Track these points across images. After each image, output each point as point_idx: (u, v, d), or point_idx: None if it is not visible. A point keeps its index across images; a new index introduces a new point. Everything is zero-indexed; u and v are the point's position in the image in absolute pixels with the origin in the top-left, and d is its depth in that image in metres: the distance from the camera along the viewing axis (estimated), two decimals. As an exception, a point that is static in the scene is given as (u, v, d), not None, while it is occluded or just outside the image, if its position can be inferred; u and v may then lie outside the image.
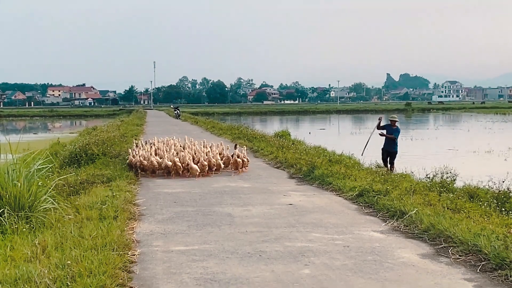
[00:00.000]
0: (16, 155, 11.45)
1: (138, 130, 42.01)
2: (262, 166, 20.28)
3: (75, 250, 8.25)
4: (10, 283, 6.86)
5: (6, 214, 9.86)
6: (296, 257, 8.50)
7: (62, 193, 13.25)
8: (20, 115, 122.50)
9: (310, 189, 14.94)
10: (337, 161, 18.37)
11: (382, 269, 7.91)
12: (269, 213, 11.80)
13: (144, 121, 62.47)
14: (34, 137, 48.15)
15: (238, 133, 35.46)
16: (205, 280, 7.49)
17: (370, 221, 11.02)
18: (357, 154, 22.16)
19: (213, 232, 10.25)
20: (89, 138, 27.24)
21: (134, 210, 12.06)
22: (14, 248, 8.54)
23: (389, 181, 14.03)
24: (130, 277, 7.58)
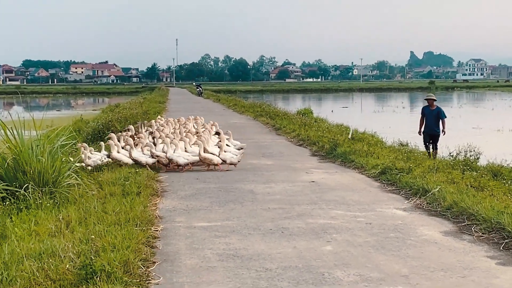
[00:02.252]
0: (40, 132, 11.52)
1: (161, 108, 42.10)
2: (285, 144, 20.28)
3: (98, 225, 8.32)
4: (35, 257, 6.93)
5: (30, 189, 9.93)
6: (318, 234, 8.51)
7: (85, 169, 13.33)
8: (43, 92, 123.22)
9: (333, 166, 14.92)
10: (359, 139, 18.31)
11: (405, 246, 7.89)
12: (291, 190, 11.81)
13: (167, 99, 62.59)
14: (57, 114, 48.46)
15: (260, 110, 35.44)
16: (228, 256, 7.53)
17: (393, 198, 10.99)
18: (379, 132, 22.07)
19: (236, 208, 10.28)
20: (111, 115, 27.33)
21: (157, 187, 12.12)
22: (38, 223, 8.61)
23: (412, 159, 13.96)
24: (153, 252, 7.63)
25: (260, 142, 20.68)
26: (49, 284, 6.23)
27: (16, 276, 6.32)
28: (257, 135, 23.59)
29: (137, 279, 6.52)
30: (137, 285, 6.36)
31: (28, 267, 6.55)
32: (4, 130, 10.77)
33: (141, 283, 6.46)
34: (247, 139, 21.36)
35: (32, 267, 6.53)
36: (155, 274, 6.83)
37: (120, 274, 6.39)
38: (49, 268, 6.52)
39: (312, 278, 6.65)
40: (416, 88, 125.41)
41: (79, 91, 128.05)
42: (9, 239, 7.74)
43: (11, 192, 9.89)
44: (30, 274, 6.39)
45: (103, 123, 22.93)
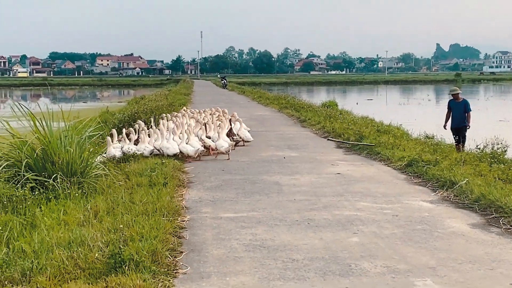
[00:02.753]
0: (68, 123, 11.62)
1: (186, 100, 42.21)
2: (310, 136, 20.27)
3: (126, 215, 8.40)
4: (64, 246, 7.02)
5: (59, 179, 10.04)
6: (344, 226, 8.52)
7: (113, 160, 13.43)
8: (70, 84, 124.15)
9: (358, 158, 14.89)
10: (385, 131, 18.26)
11: (432, 238, 7.87)
12: (317, 182, 11.81)
13: (191, 91, 62.74)
14: (83, 106, 48.75)
15: (285, 103, 35.41)
16: (254, 246, 7.56)
17: (419, 191, 10.95)
18: (405, 125, 21.97)
19: (261, 200, 10.31)
20: (137, 107, 27.44)
21: (183, 178, 12.19)
22: (67, 213, 8.71)
23: (439, 151, 13.89)
24: (180, 242, 7.69)
25: (285, 134, 20.68)
26: (78, 272, 6.31)
27: (46, 265, 6.41)
28: (282, 127, 23.59)
29: (165, 268, 6.58)
30: (165, 274, 6.42)
31: (57, 255, 6.64)
32: (33, 121, 10.88)
33: (169, 272, 6.51)
34: (272, 131, 21.46)
35: (61, 256, 6.61)
36: (183, 263, 6.89)
37: (148, 263, 6.46)
38: (79, 257, 6.60)
39: (339, 269, 6.66)
40: (442, 80, 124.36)
41: (104, 83, 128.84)
42: (39, 228, 7.83)
43: (40, 182, 9.99)
44: (59, 262, 6.47)
45: (129, 114, 23.03)
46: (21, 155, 10.25)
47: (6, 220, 8.08)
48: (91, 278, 6.19)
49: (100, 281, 6.05)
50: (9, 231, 7.68)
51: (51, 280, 6.06)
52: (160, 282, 6.17)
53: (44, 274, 6.19)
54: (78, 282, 6.03)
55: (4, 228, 7.72)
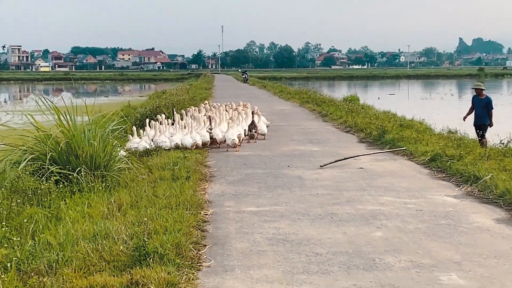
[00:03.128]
0: (91, 117, 11.69)
1: (207, 94, 42.29)
2: (332, 130, 20.23)
3: (150, 208, 8.44)
4: (89, 239, 7.07)
5: (83, 172, 10.10)
6: (368, 220, 8.50)
7: (135, 154, 13.49)
8: (92, 79, 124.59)
9: (381, 153, 14.82)
10: (408, 126, 18.16)
11: (456, 233, 7.83)
12: (340, 177, 11.78)
13: (212, 85, 62.84)
14: (105, 100, 48.96)
15: (306, 97, 35.36)
16: (277, 240, 7.57)
17: (443, 185, 10.90)
18: (428, 119, 21.85)
19: (284, 194, 10.31)
20: (159, 101, 27.53)
21: (205, 172, 12.22)
22: (91, 206, 8.77)
23: (462, 146, 13.79)
24: (203, 236, 7.72)
25: (307, 129, 20.66)
26: (103, 265, 6.35)
27: (71, 257, 6.46)
28: (304, 121, 23.56)
29: (189, 261, 6.60)
30: (189, 267, 6.45)
31: (83, 248, 6.69)
32: (57, 115, 10.95)
33: (193, 265, 6.54)
34: (293, 126, 21.45)
35: (86, 248, 6.67)
36: (206, 257, 6.91)
37: (173, 256, 6.48)
38: (103, 249, 6.65)
39: (363, 264, 6.65)
40: (465, 75, 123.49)
41: (126, 78, 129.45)
42: (64, 221, 7.89)
43: (64, 175, 10.06)
44: (85, 255, 6.53)
45: (151, 108, 23.13)
46: (46, 149, 10.32)
47: (32, 212, 8.14)
48: (116, 270, 6.23)
49: (125, 273, 6.08)
50: (35, 224, 7.75)
51: (76, 272, 6.11)
52: (184, 275, 6.20)
53: (69, 266, 6.24)
54: (103, 274, 6.08)
55: (29, 220, 7.79)
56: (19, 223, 7.75)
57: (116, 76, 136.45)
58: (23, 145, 10.68)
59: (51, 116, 11.19)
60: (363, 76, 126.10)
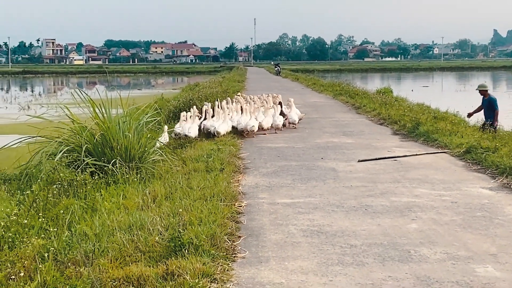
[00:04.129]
0: (126, 109, 11.78)
1: (240, 87, 42.30)
2: (365, 123, 20.13)
3: (184, 200, 8.48)
4: (125, 230, 7.13)
5: (118, 164, 10.19)
6: (402, 212, 8.45)
7: (169, 146, 13.57)
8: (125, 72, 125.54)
9: (415, 145, 14.73)
10: (442, 118, 18.00)
11: (492, 225, 7.76)
12: (374, 169, 11.73)
13: (245, 78, 62.84)
14: (138, 93, 49.30)
15: (339, 89, 35.22)
16: (312, 232, 7.56)
17: (478, 177, 10.79)
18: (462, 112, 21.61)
19: (318, 186, 10.30)
20: (191, 93, 27.63)
21: (239, 164, 12.23)
22: (126, 197, 8.83)
23: (498, 138, 13.65)
24: (238, 227, 7.74)
25: (340, 121, 20.59)
26: (139, 255, 6.39)
27: (107, 247, 6.52)
28: (337, 113, 23.48)
29: (224, 252, 6.62)
30: (224, 258, 6.47)
31: (118, 239, 6.75)
32: (92, 107, 11.05)
33: (228, 256, 6.56)
34: (327, 118, 21.39)
35: (122, 239, 6.72)
36: (241, 248, 6.93)
37: (208, 247, 6.51)
38: (139, 240, 6.69)
39: (398, 255, 6.62)
40: (499, 67, 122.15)
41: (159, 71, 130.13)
42: (99, 212, 7.97)
43: (99, 167, 10.16)
44: (120, 245, 6.58)
45: (184, 101, 23.23)
46: (81, 141, 10.43)
47: (68, 204, 8.23)
48: (152, 261, 6.27)
49: (161, 264, 6.12)
50: (71, 215, 7.84)
51: (112, 263, 6.16)
52: (220, 265, 6.22)
53: (105, 257, 6.29)
54: (139, 264, 6.12)
55: (65, 211, 7.88)
56: (55, 214, 7.85)
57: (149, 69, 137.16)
58: (58, 137, 10.80)
59: (86, 109, 11.30)
60: (396, 68, 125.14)
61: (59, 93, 60.39)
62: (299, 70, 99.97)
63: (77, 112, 11.49)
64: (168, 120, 19.44)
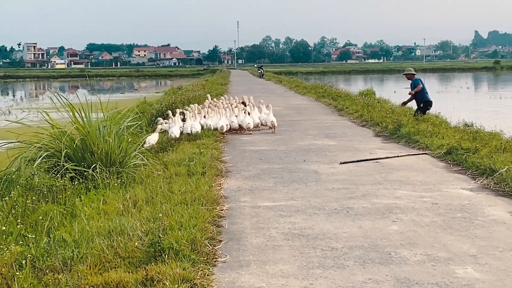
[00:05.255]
0: (106, 113, 11.72)
1: (223, 89, 42.24)
2: (348, 125, 20.16)
3: (165, 204, 8.43)
4: (104, 235, 7.08)
5: (98, 169, 10.13)
6: (383, 214, 8.46)
7: (151, 150, 13.51)
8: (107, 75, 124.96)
9: (397, 147, 14.76)
10: (423, 119, 18.05)
11: (472, 226, 7.78)
12: (356, 171, 11.74)
13: (228, 81, 62.78)
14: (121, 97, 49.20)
15: (322, 92, 35.26)
16: (293, 235, 7.55)
17: (459, 179, 10.83)
18: (444, 113, 21.69)
19: (300, 188, 10.29)
20: (174, 97, 27.62)
21: (221, 167, 12.20)
22: (106, 202, 8.78)
23: (478, 139, 13.70)
24: (219, 231, 7.71)
25: (323, 123, 20.60)
26: (118, 261, 6.35)
27: (86, 253, 6.47)
28: (320, 116, 23.50)
29: (205, 257, 6.59)
30: (205, 262, 6.44)
31: (98, 244, 6.70)
32: (72, 112, 10.98)
33: (209, 260, 6.53)
34: (309, 120, 21.41)
35: (101, 245, 6.67)
36: (222, 252, 6.90)
37: (188, 252, 6.48)
38: (118, 246, 6.65)
39: (378, 257, 6.62)
40: (480, 68, 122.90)
41: (142, 74, 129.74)
42: (79, 218, 7.91)
43: (79, 172, 10.10)
44: (100, 251, 6.53)
45: (167, 105, 23.19)
46: (61, 146, 10.37)
47: (47, 209, 8.18)
48: (131, 266, 6.23)
49: (140, 269, 6.08)
50: (50, 221, 7.78)
51: (91, 269, 6.12)
52: (200, 270, 6.19)
53: (84, 263, 6.25)
54: (118, 270, 6.08)
55: (44, 217, 7.82)
56: (34, 220, 7.80)
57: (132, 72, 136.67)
58: (38, 142, 10.72)
59: (66, 113, 11.23)
60: (379, 70, 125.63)
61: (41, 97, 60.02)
62: (283, 72, 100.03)
63: (57, 117, 11.42)
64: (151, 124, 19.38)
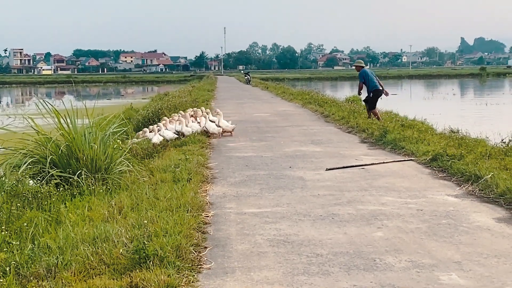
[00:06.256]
0: (92, 120, 11.71)
1: (209, 96, 42.27)
2: (334, 131, 20.19)
3: (150, 211, 8.41)
4: (89, 242, 7.06)
5: (83, 175, 10.11)
6: (369, 220, 8.48)
7: (137, 156, 13.50)
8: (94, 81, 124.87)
9: (382, 153, 14.80)
10: (409, 126, 18.13)
11: (457, 232, 7.81)
12: (341, 177, 11.76)
13: (215, 87, 62.79)
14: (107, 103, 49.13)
15: (308, 98, 35.30)
16: (278, 242, 7.55)
17: (444, 185, 10.87)
18: (430, 119, 21.80)
19: (285, 195, 10.29)
20: (161, 103, 27.59)
21: (207, 173, 12.19)
22: (91, 209, 8.76)
23: (463, 145, 13.76)
24: (204, 238, 7.70)
25: (309, 129, 20.62)
26: (103, 268, 6.34)
27: (71, 260, 6.46)
28: (306, 122, 23.52)
29: (189, 263, 6.59)
30: (189, 269, 6.43)
31: (82, 251, 6.68)
32: (57, 118, 10.96)
33: (193, 267, 6.52)
34: (296, 126, 21.42)
35: (86, 252, 6.66)
36: (207, 259, 6.90)
37: (173, 258, 6.47)
38: (103, 253, 6.64)
39: (363, 264, 6.64)
40: (467, 74, 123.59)
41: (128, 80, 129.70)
42: (64, 224, 7.90)
43: (65, 179, 10.08)
44: (84, 258, 6.52)
45: (153, 111, 23.20)
46: (46, 152, 10.35)
47: (31, 216, 8.15)
48: (116, 273, 6.22)
49: (125, 276, 6.07)
50: (34, 227, 7.76)
51: (76, 276, 6.10)
52: (185, 277, 6.19)
53: (69, 270, 6.23)
54: (103, 277, 6.07)
55: (29, 224, 7.80)
56: (19, 227, 7.77)
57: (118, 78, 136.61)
58: (23, 148, 10.70)
59: (52, 119, 11.20)
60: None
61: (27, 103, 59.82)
62: (270, 78, 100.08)
63: (43, 123, 11.39)
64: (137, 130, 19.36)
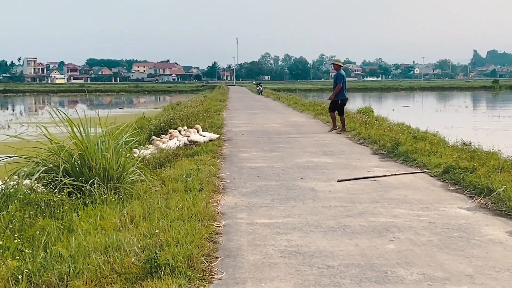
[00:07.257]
0: (105, 129, 11.76)
1: (221, 106, 42.33)
2: (345, 142, 20.16)
3: (162, 220, 8.43)
4: (101, 251, 7.08)
5: (95, 184, 10.14)
6: (380, 232, 8.46)
7: (149, 166, 13.53)
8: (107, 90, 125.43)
9: (394, 165, 14.77)
10: (421, 138, 18.09)
11: (469, 246, 7.78)
12: (353, 188, 11.74)
13: (227, 97, 62.89)
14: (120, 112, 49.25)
15: (320, 109, 35.29)
16: (290, 253, 7.55)
17: (456, 198, 10.83)
18: (442, 132, 21.76)
19: (297, 206, 10.29)
20: (173, 113, 27.63)
21: (218, 183, 12.20)
22: (103, 218, 8.78)
23: (476, 158, 13.72)
24: (215, 248, 7.70)
25: (320, 140, 20.60)
26: (114, 277, 6.35)
27: (83, 269, 6.47)
28: (318, 133, 23.49)
29: (201, 273, 6.59)
30: (201, 279, 6.44)
31: (94, 260, 6.69)
32: (71, 127, 11.01)
33: (204, 277, 6.53)
34: (307, 137, 21.41)
35: (98, 260, 6.67)
36: (218, 269, 6.90)
37: (184, 268, 6.48)
38: (115, 262, 6.65)
39: (375, 276, 6.62)
40: (479, 87, 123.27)
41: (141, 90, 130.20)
42: (76, 233, 7.91)
43: (77, 187, 10.11)
44: (96, 267, 6.53)
45: (165, 120, 23.23)
46: (59, 160, 10.38)
47: (44, 224, 8.18)
48: (127, 282, 6.23)
49: (136, 285, 6.09)
50: (47, 236, 7.78)
51: (87, 284, 6.12)
52: (196, 287, 6.20)
53: (81, 279, 6.25)
54: (114, 286, 6.08)
55: (42, 232, 7.82)
56: (31, 235, 7.79)
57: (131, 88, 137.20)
58: (36, 157, 10.75)
59: (65, 128, 11.25)
60: (377, 88, 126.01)
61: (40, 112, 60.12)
62: (281, 89, 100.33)
63: (56, 132, 11.44)
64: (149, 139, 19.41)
